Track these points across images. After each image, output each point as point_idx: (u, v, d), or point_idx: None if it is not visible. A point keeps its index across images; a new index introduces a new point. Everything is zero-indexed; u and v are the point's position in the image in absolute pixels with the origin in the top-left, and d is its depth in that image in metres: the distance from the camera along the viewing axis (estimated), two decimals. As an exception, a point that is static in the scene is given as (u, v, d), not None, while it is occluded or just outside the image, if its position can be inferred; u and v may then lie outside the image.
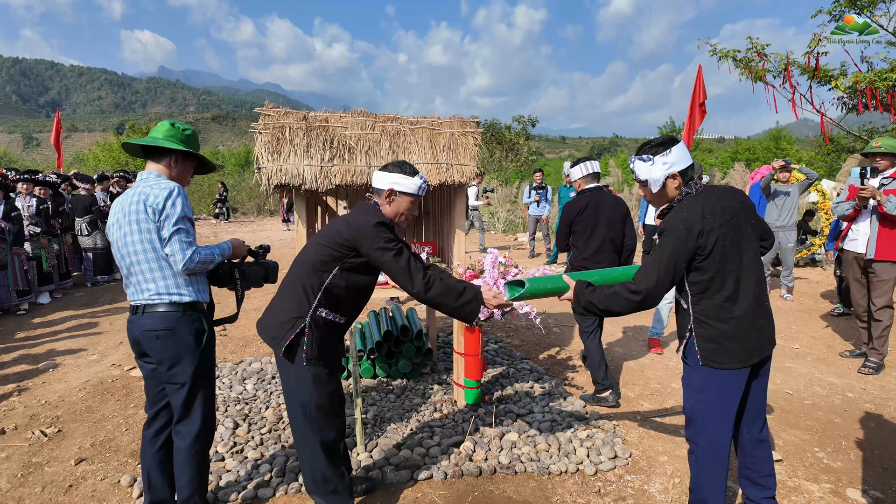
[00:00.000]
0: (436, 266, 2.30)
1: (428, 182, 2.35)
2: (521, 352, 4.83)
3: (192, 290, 2.22)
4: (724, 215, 2.01)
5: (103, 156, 28.39)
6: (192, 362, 2.22)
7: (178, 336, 2.19)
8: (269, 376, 4.13)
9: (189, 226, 2.19)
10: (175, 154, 2.28)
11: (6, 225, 5.86)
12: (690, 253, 1.99)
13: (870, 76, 8.38)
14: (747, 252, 2.06)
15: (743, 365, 2.06)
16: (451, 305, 2.19)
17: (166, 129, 2.29)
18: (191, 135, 2.35)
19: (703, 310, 2.06)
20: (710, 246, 1.98)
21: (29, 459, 2.98)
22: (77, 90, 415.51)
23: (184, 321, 2.19)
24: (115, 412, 3.59)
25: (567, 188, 9.40)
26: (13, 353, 4.81)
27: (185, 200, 2.19)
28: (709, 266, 2.01)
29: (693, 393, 2.15)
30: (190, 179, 2.41)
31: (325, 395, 2.23)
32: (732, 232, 2.02)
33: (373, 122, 3.51)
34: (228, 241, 2.40)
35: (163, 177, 2.25)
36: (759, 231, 2.17)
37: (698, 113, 8.10)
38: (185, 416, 2.27)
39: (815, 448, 3.18)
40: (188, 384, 2.23)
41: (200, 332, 2.24)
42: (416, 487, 2.71)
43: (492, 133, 22.80)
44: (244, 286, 2.43)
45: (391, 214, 2.30)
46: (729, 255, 2.01)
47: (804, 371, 4.36)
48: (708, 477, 2.16)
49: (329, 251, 2.19)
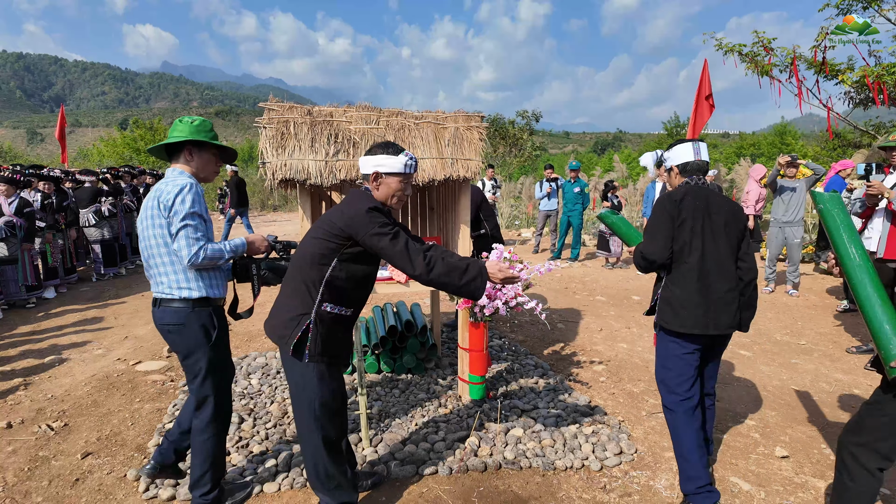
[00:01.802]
0: (437, 245, 2.23)
1: (416, 160, 2.30)
2: (526, 347, 4.82)
3: (202, 286, 2.27)
4: (703, 206, 2.46)
5: (107, 151, 28.46)
6: (204, 355, 2.29)
7: (187, 331, 2.25)
8: (274, 371, 4.14)
9: (198, 222, 2.22)
10: (187, 147, 2.32)
11: (18, 221, 5.89)
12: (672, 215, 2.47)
13: (878, 70, 8.30)
14: (718, 244, 2.45)
15: (686, 330, 2.44)
16: (456, 284, 2.11)
17: (175, 126, 2.35)
18: (199, 124, 2.36)
19: (671, 275, 2.51)
20: (682, 215, 2.44)
21: (36, 453, 3.00)
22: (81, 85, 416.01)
23: (194, 317, 2.25)
24: (120, 406, 3.60)
25: (572, 183, 9.37)
26: (19, 347, 4.83)
27: (197, 197, 2.23)
28: (678, 236, 2.45)
29: (658, 360, 2.64)
30: (216, 168, 2.45)
31: (329, 393, 2.22)
32: (706, 220, 2.44)
33: (377, 116, 3.49)
34: (244, 237, 2.43)
35: (185, 173, 2.30)
36: (735, 242, 2.51)
37: (706, 107, 8.04)
38: (199, 405, 2.35)
39: (821, 444, 3.16)
40: (200, 376, 2.30)
41: (210, 327, 2.29)
42: (421, 482, 2.71)
43: (495, 128, 22.72)
44: (260, 282, 2.47)
45: (383, 198, 2.24)
46: (696, 232, 2.43)
47: (810, 367, 4.34)
48: (680, 433, 2.52)
49: (326, 243, 2.14)
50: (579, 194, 9.31)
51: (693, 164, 2.55)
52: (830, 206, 2.16)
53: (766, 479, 2.79)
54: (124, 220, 8.51)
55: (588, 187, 10.15)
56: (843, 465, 2.03)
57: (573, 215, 9.33)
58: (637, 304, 6.49)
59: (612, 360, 4.55)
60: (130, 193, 8.81)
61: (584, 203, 9.43)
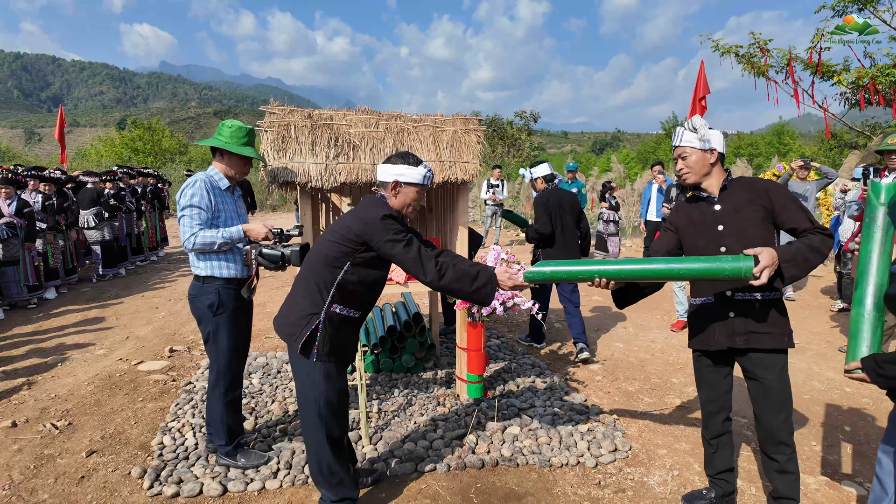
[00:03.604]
0: (447, 251, 2.30)
1: (433, 173, 2.39)
2: (524, 347, 4.88)
3: (207, 266, 2.66)
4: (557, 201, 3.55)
5: (105, 151, 28.46)
6: (208, 325, 2.70)
7: (196, 301, 2.70)
8: (275, 371, 4.19)
9: (195, 212, 2.57)
10: (220, 149, 2.72)
11: (18, 221, 5.93)
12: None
13: (872, 72, 8.37)
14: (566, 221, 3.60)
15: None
16: (467, 290, 2.18)
17: (219, 129, 2.74)
18: (235, 131, 2.72)
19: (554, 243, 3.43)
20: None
21: (41, 451, 3.05)
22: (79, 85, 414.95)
23: (201, 290, 2.67)
24: (123, 406, 3.65)
25: (569, 184, 9.42)
26: (22, 347, 4.88)
27: (197, 192, 2.58)
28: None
29: None
30: (245, 169, 2.81)
31: (334, 392, 2.28)
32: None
33: (377, 119, 3.54)
34: (241, 225, 2.70)
35: (214, 168, 2.75)
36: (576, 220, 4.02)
37: (699, 109, 8.11)
38: (210, 367, 2.81)
39: (812, 441, 3.23)
40: (208, 341, 2.74)
41: (215, 301, 2.66)
42: (420, 479, 2.77)
43: (494, 129, 22.77)
44: (257, 265, 2.73)
45: (398, 206, 2.31)
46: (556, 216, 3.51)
47: (803, 366, 4.41)
48: None
49: (340, 247, 2.20)
50: (576, 195, 9.37)
51: (549, 175, 4.69)
52: (548, 267, 2.20)
53: (756, 475, 2.85)
54: (125, 221, 8.56)
55: (585, 188, 10.20)
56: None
57: (571, 216, 9.39)
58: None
59: (608, 360, 4.61)
60: (130, 194, 8.85)
61: (582, 203, 9.49)
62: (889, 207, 2.00)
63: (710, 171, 2.28)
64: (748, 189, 2.25)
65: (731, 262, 1.98)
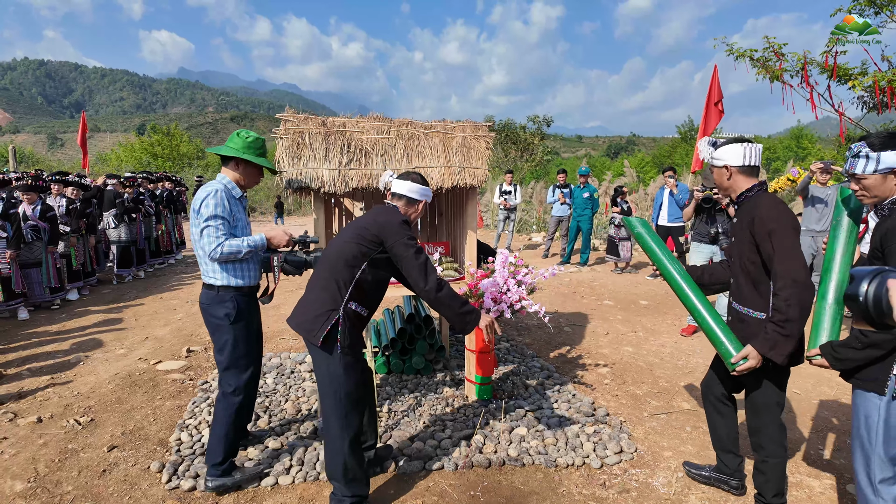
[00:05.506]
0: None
1: (442, 187, 2.64)
2: (532, 350, 4.93)
3: (225, 276, 2.64)
4: None
5: (125, 156, 29.05)
6: (223, 335, 2.67)
7: (211, 311, 2.66)
8: (288, 371, 4.29)
9: (219, 223, 2.57)
10: (235, 159, 2.72)
11: (42, 224, 6.14)
12: None
13: (889, 75, 8.29)
14: None
15: None
16: (456, 310, 2.41)
17: (232, 138, 2.74)
18: (252, 142, 2.73)
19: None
20: None
21: (65, 446, 3.17)
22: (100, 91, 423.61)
23: (217, 300, 2.64)
24: (142, 403, 3.78)
25: (581, 189, 9.44)
26: (47, 346, 5.04)
27: (220, 202, 2.58)
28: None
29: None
30: (258, 179, 2.83)
31: (353, 383, 2.41)
32: None
33: (388, 126, 3.64)
34: (263, 233, 2.74)
35: (225, 178, 2.72)
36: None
37: (715, 112, 8.09)
38: (220, 378, 2.75)
39: (818, 446, 3.23)
40: (219, 351, 2.70)
41: (231, 310, 2.64)
42: (428, 477, 2.84)
43: (506, 133, 22.80)
44: (279, 272, 2.78)
45: (407, 215, 2.58)
46: None
47: (813, 371, 4.40)
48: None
49: (360, 247, 2.39)
50: (588, 199, 9.37)
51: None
52: (644, 230, 2.53)
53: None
54: (143, 224, 8.77)
55: (598, 192, 10.20)
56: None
57: (582, 220, 9.41)
58: (644, 309, 6.57)
59: (616, 363, 4.64)
60: (149, 198, 9.07)
61: (594, 208, 9.50)
62: (852, 211, 2.27)
63: (730, 186, 2.39)
64: (751, 210, 2.28)
65: (730, 346, 2.27)
